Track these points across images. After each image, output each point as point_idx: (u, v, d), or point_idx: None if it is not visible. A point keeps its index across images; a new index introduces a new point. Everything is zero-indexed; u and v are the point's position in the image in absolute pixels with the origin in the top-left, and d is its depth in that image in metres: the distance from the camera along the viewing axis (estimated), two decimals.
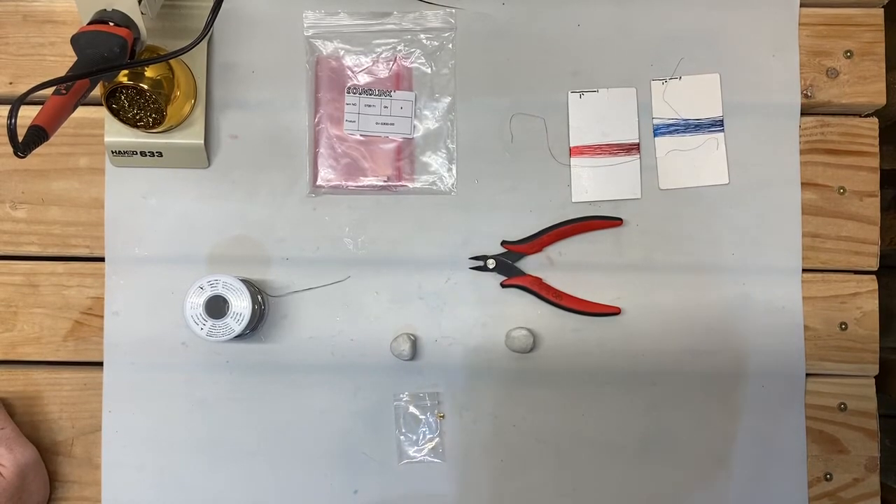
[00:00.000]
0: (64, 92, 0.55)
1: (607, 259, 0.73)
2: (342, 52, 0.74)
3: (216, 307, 0.67)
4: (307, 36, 0.74)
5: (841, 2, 0.74)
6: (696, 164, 0.74)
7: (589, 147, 0.74)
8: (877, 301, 0.73)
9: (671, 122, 0.74)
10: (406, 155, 0.74)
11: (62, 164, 0.74)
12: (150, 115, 0.67)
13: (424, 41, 0.74)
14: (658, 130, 0.74)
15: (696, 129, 0.74)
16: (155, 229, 0.74)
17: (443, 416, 0.73)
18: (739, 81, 0.74)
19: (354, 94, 0.74)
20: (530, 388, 0.73)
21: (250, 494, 0.73)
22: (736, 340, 0.73)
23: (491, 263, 0.73)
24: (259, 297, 0.71)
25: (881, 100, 0.74)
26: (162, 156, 0.72)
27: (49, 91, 0.54)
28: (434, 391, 0.73)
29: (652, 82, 0.74)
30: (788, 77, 0.74)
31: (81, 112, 0.71)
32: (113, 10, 0.60)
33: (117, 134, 0.71)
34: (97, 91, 0.64)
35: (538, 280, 0.73)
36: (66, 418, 0.74)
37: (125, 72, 0.65)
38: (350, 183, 0.74)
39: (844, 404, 0.73)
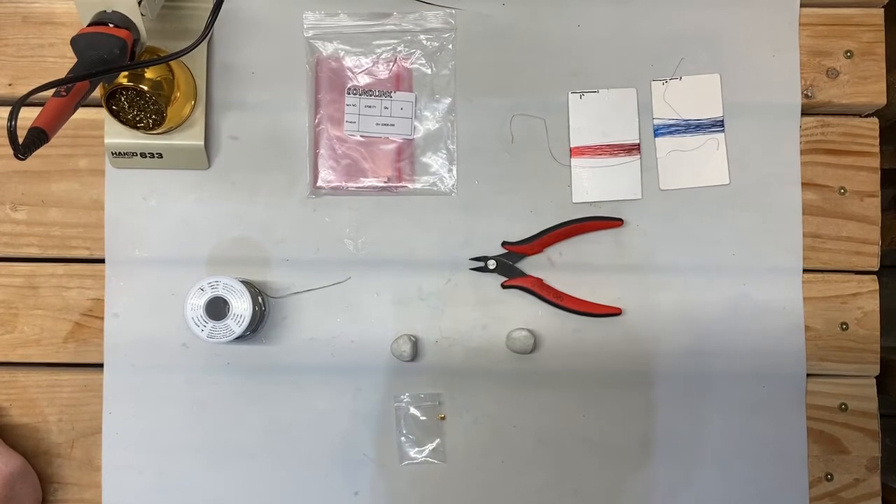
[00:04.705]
0: (64, 94, 0.55)
1: (608, 260, 0.73)
2: (342, 53, 0.74)
3: (217, 309, 0.67)
4: (307, 37, 0.74)
5: (841, 2, 0.74)
6: (696, 164, 0.74)
7: (589, 147, 0.74)
8: (877, 301, 0.73)
9: (671, 122, 0.74)
10: (406, 156, 0.74)
11: (62, 166, 0.74)
12: (150, 116, 0.67)
13: (424, 42, 0.74)
14: (658, 131, 0.74)
15: (697, 130, 0.74)
16: (155, 231, 0.74)
17: (444, 418, 0.73)
18: (740, 81, 0.74)
19: (354, 95, 0.74)
20: (531, 389, 0.73)
21: (251, 496, 0.73)
22: (736, 341, 0.73)
23: (491, 264, 0.73)
24: (259, 298, 0.70)
25: (881, 100, 0.74)
26: (162, 157, 0.72)
27: (49, 93, 0.54)
28: (435, 392, 0.73)
29: (652, 82, 0.74)
30: (789, 77, 0.74)
31: (81, 113, 0.71)
32: (113, 11, 0.60)
33: (117, 135, 0.71)
34: (97, 92, 0.64)
35: (539, 281, 0.73)
36: (66, 420, 0.74)
37: (125, 73, 0.65)
38: (350, 184, 0.74)
39: (845, 404, 0.73)
